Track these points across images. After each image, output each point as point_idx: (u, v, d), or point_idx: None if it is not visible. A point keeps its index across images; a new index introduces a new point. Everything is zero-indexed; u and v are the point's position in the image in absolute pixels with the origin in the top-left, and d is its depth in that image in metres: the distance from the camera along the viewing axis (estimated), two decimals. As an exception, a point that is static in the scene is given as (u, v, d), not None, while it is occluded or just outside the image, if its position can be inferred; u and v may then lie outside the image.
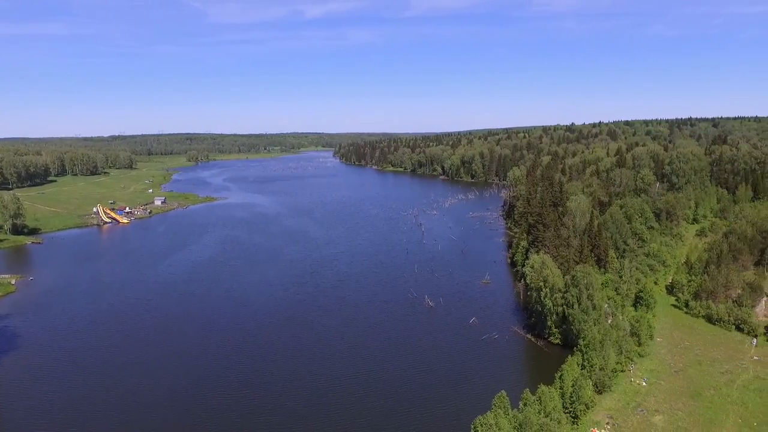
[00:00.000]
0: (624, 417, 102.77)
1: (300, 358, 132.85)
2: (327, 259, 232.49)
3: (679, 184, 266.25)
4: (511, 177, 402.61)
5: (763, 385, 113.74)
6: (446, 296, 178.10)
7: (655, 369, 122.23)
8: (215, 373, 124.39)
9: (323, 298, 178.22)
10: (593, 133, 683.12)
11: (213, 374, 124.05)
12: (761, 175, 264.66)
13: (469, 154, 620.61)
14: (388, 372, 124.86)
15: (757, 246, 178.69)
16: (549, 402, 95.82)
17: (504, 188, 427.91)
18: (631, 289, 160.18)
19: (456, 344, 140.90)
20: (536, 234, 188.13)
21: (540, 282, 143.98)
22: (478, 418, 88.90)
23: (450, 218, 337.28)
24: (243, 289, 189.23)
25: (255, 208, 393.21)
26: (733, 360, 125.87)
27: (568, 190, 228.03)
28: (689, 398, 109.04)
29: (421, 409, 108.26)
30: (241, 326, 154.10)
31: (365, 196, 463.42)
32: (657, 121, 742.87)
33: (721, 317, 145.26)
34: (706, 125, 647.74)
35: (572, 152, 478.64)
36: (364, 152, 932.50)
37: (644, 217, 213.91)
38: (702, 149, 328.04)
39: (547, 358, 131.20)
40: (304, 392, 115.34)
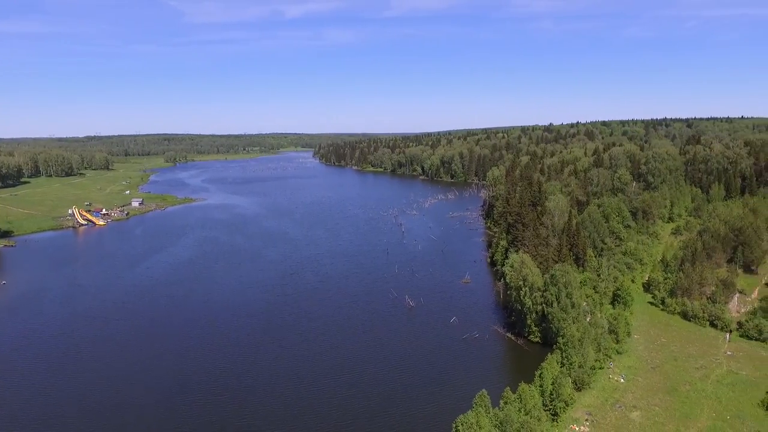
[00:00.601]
0: (603, 413, 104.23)
1: (281, 360, 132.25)
2: (307, 260, 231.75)
3: (655, 183, 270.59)
4: (491, 177, 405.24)
5: (736, 380, 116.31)
6: (427, 296, 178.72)
7: (633, 365, 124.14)
8: (195, 377, 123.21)
9: (304, 300, 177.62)
10: (571, 133, 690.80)
11: (193, 378, 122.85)
12: (733, 174, 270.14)
13: (448, 155, 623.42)
14: (369, 373, 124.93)
15: (730, 244, 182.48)
16: (529, 400, 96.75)
17: (483, 188, 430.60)
18: (609, 287, 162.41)
19: (437, 344, 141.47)
20: (515, 233, 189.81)
21: (519, 281, 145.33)
22: (459, 417, 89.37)
23: (430, 218, 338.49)
24: (223, 292, 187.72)
25: (234, 210, 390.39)
26: (707, 355, 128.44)
27: (546, 190, 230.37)
28: (666, 394, 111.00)
29: (403, 409, 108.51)
30: (221, 329, 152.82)
31: (345, 197, 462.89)
32: (633, 122, 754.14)
33: (696, 314, 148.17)
34: (680, 126, 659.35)
35: (550, 152, 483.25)
36: (343, 153, 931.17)
37: (621, 216, 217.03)
38: (677, 149, 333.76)
39: (527, 357, 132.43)
40: (286, 394, 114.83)
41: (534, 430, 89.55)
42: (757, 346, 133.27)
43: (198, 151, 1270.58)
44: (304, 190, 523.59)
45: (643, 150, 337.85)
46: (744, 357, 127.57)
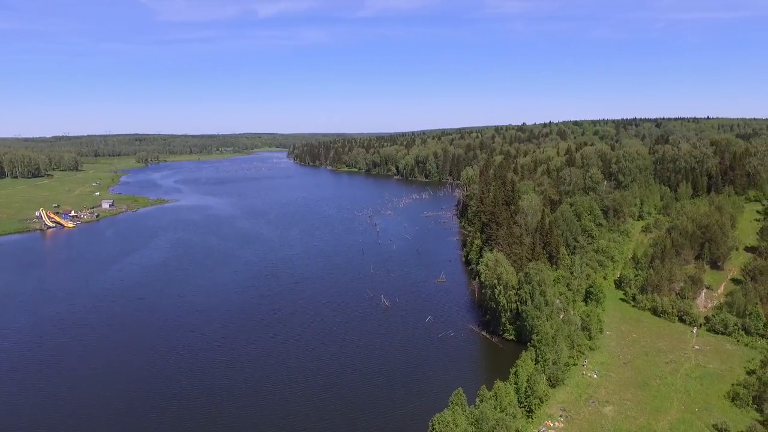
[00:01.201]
0: (576, 409, 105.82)
1: (256, 363, 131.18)
2: (282, 261, 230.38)
3: (626, 182, 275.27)
4: (465, 176, 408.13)
5: (704, 373, 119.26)
6: (402, 296, 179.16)
7: (605, 361, 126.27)
8: (169, 381, 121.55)
9: (279, 301, 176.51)
10: (544, 132, 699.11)
11: (166, 382, 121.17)
12: (699, 173, 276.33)
13: (423, 154, 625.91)
14: (346, 374, 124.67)
15: (697, 241, 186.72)
16: (505, 397, 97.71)
17: (457, 187, 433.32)
18: (581, 285, 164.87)
19: (413, 343, 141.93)
20: (490, 232, 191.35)
21: (494, 279, 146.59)
22: (435, 416, 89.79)
23: (405, 218, 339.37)
24: (196, 294, 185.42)
25: (208, 210, 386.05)
26: (676, 350, 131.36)
27: (520, 189, 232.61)
28: (637, 388, 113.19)
29: (381, 409, 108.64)
30: (194, 332, 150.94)
31: (320, 197, 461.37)
32: (604, 122, 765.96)
33: (666, 309, 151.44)
34: (649, 125, 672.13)
35: (524, 152, 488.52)
36: (318, 153, 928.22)
37: (593, 214, 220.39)
38: (646, 149, 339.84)
39: (502, 354, 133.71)
40: (262, 398, 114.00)
41: (509, 427, 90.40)
42: (723, 340, 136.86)
43: (170, 151, 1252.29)
44: (279, 190, 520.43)
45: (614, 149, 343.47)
46: (711, 351, 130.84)
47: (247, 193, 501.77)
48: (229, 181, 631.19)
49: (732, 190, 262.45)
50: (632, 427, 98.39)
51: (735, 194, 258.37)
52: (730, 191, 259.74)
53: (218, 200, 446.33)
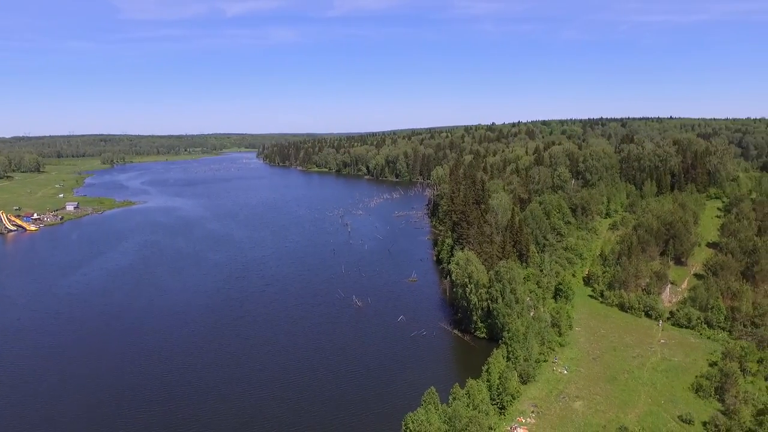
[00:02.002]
0: (548, 405, 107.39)
1: (228, 366, 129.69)
2: (253, 262, 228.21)
3: (593, 180, 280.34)
4: (435, 176, 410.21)
5: (669, 366, 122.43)
6: (374, 296, 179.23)
7: (575, 357, 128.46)
8: (138, 388, 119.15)
9: (250, 303, 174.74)
10: (512, 132, 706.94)
11: (135, 389, 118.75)
12: (663, 172, 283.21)
13: (393, 154, 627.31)
14: (319, 376, 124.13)
15: (662, 237, 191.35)
16: (477, 395, 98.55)
17: (428, 187, 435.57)
18: (551, 282, 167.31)
19: (385, 343, 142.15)
20: (460, 231, 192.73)
21: (465, 278, 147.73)
22: (408, 415, 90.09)
23: (376, 218, 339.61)
24: (165, 298, 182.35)
25: (177, 212, 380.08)
26: (643, 344, 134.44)
27: (490, 188, 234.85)
28: (606, 383, 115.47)
29: (355, 410, 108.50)
30: (164, 337, 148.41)
31: (290, 198, 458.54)
32: (571, 121, 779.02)
33: (632, 305, 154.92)
34: (615, 125, 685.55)
35: (493, 151, 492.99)
36: (288, 153, 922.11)
37: (562, 212, 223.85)
38: (612, 148, 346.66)
39: (474, 352, 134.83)
40: (233, 402, 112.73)
41: (482, 424, 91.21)
42: (687, 333, 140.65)
43: (137, 152, 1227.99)
44: (249, 191, 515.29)
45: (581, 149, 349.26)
46: (676, 344, 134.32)
47: (217, 194, 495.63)
48: (198, 182, 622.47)
49: (694, 187, 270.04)
50: (601, 421, 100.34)
51: (697, 192, 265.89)
52: (692, 189, 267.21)
53: (187, 201, 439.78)
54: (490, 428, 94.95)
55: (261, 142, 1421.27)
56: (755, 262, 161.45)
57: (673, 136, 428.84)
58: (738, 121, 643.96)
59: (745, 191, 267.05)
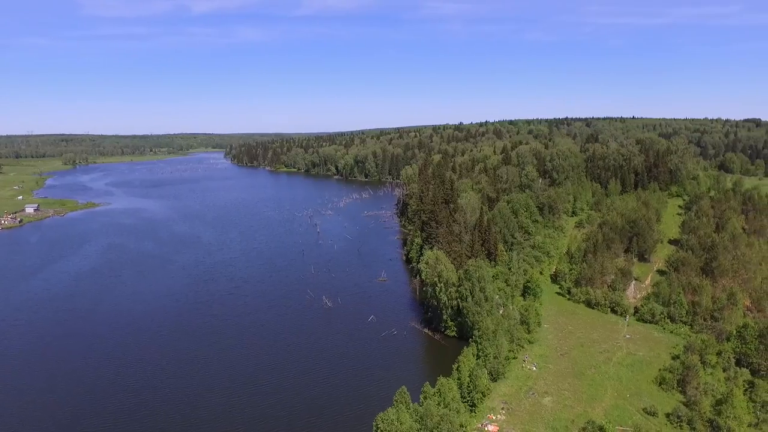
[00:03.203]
0: (517, 401, 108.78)
1: (196, 371, 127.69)
2: (221, 264, 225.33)
3: (559, 179, 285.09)
4: (404, 175, 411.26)
5: (634, 360, 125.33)
6: (344, 296, 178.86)
7: (544, 354, 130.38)
8: (102, 395, 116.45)
9: (219, 306, 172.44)
10: (480, 132, 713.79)
11: (100, 396, 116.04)
12: (627, 170, 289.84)
13: (362, 154, 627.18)
14: (290, 379, 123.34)
15: (626, 235, 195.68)
16: (448, 393, 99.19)
17: (397, 187, 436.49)
18: (519, 280, 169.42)
19: (356, 343, 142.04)
20: (430, 231, 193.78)
21: (435, 277, 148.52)
22: (379, 414, 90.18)
23: (345, 218, 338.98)
24: (131, 302, 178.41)
25: (142, 214, 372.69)
26: (609, 340, 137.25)
27: (458, 188, 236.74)
28: (574, 378, 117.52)
29: (327, 412, 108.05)
30: (129, 342, 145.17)
31: (259, 198, 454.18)
32: (538, 121, 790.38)
33: (599, 301, 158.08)
34: (580, 125, 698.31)
35: (461, 151, 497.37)
36: (256, 153, 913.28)
37: (529, 211, 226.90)
38: (578, 147, 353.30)
39: (444, 351, 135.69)
40: (204, 408, 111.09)
41: (453, 422, 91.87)
42: (651, 328, 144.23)
43: (100, 152, 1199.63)
44: (216, 192, 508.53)
45: (548, 148, 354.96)
46: (640, 339, 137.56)
47: (184, 195, 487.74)
48: (165, 183, 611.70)
49: (656, 186, 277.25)
50: (570, 416, 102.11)
51: (659, 190, 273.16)
52: (654, 187, 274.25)
53: (153, 203, 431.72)
54: (461, 426, 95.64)
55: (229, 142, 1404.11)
56: (714, 258, 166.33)
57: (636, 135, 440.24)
58: (696, 122, 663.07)
59: (704, 189, 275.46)
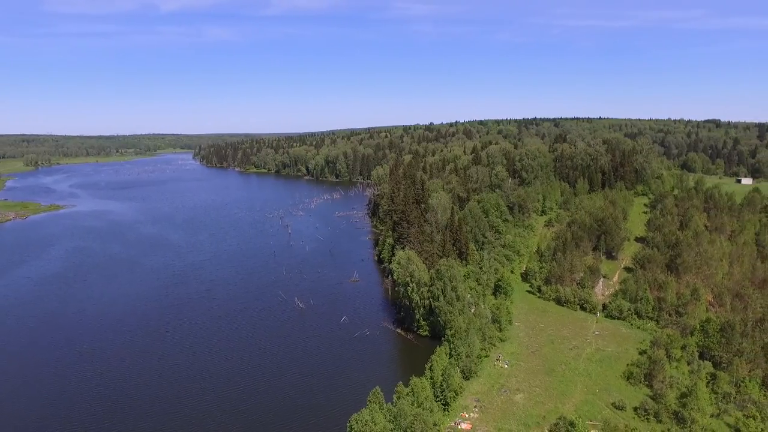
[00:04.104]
0: (490, 399, 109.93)
1: (168, 376, 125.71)
2: (191, 267, 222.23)
3: (529, 179, 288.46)
4: (375, 176, 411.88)
5: (603, 356, 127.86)
6: (316, 297, 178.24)
7: (515, 351, 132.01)
8: (70, 403, 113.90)
9: (189, 310, 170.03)
10: (450, 132, 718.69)
11: (67, 404, 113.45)
12: (594, 170, 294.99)
13: (333, 154, 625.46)
14: (263, 382, 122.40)
15: (594, 233, 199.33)
16: (421, 392, 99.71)
17: (368, 187, 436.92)
18: (490, 279, 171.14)
19: (329, 344, 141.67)
20: (401, 231, 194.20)
21: (407, 277, 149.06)
22: (353, 415, 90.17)
23: (316, 219, 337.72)
24: (98, 307, 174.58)
25: (109, 216, 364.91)
26: (579, 336, 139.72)
27: (429, 188, 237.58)
28: (545, 375, 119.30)
29: (299, 413, 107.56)
30: (98, 347, 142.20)
31: (229, 200, 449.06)
32: (507, 121, 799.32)
33: (568, 299, 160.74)
34: (548, 125, 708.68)
35: (432, 151, 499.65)
36: (225, 154, 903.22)
37: (499, 210, 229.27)
38: (546, 147, 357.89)
39: (417, 350, 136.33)
40: (176, 413, 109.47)
41: (427, 421, 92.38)
42: (619, 324, 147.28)
43: (64, 153, 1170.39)
44: (185, 193, 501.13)
45: (517, 148, 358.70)
46: (609, 335, 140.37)
47: (152, 196, 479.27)
48: (132, 184, 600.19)
49: (623, 185, 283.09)
50: (541, 412, 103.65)
51: (625, 189, 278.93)
52: (621, 186, 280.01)
53: (120, 205, 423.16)
54: (434, 425, 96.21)
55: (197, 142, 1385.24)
56: (678, 255, 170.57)
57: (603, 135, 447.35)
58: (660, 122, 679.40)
59: (669, 188, 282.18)
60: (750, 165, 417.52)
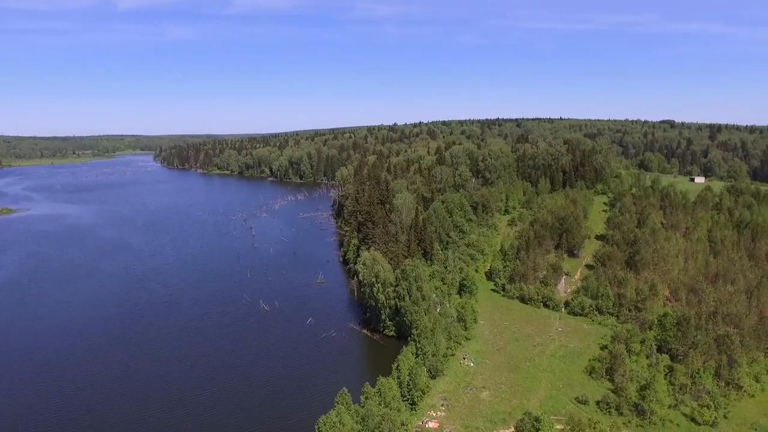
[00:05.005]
0: (456, 397, 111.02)
1: (129, 385, 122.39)
2: (153, 271, 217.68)
3: (492, 178, 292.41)
4: (339, 177, 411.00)
5: (566, 352, 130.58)
6: (282, 299, 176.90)
7: (481, 349, 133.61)
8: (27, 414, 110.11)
9: (152, 315, 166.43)
10: (414, 132, 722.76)
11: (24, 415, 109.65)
12: (556, 169, 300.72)
13: (297, 155, 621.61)
14: (229, 388, 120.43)
15: (556, 231, 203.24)
16: (388, 392, 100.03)
17: (333, 188, 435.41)
18: (455, 278, 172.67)
19: (296, 346, 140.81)
20: (366, 231, 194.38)
21: (372, 278, 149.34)
22: (321, 417, 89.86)
23: (281, 220, 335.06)
24: (56, 314, 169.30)
25: (66, 220, 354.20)
26: (542, 333, 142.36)
27: (394, 188, 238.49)
28: (510, 372, 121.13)
29: (267, 417, 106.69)
30: (54, 357, 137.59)
31: (191, 202, 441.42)
32: (470, 121, 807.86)
33: (532, 297, 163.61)
34: (511, 125, 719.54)
35: (396, 151, 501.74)
36: (187, 155, 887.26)
37: (463, 210, 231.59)
38: (509, 147, 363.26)
39: (384, 351, 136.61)
40: (138, 423, 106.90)
41: (394, 421, 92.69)
42: (581, 321, 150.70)
43: (16, 155, 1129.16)
44: (147, 196, 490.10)
45: (480, 148, 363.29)
46: (571, 331, 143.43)
47: (112, 199, 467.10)
48: (90, 187, 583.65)
49: (583, 184, 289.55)
50: (507, 408, 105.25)
51: (586, 188, 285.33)
52: (581, 186, 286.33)
53: (78, 208, 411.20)
54: (402, 424, 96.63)
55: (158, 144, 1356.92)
56: (636, 252, 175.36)
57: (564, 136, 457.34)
58: (618, 122, 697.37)
59: (627, 187, 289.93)
60: (702, 164, 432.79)
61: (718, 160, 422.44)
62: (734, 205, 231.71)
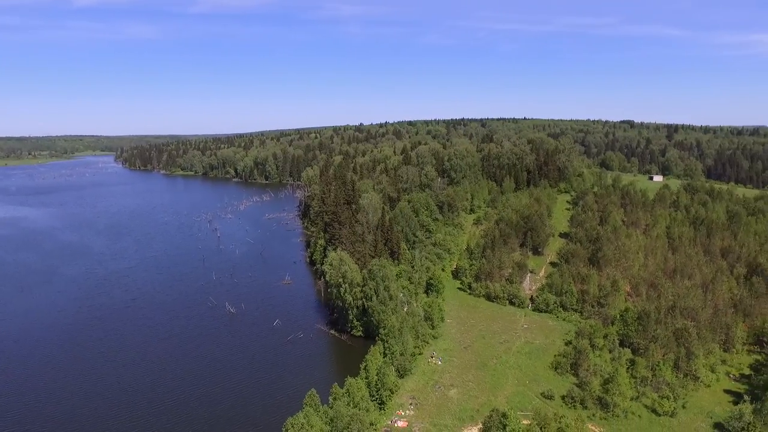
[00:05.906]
0: (425, 395, 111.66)
1: (92, 393, 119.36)
2: (116, 275, 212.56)
3: (457, 178, 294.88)
4: (305, 177, 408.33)
5: (532, 348, 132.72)
6: (248, 301, 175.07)
7: (448, 348, 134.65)
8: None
9: (114, 320, 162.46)
10: (380, 132, 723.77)
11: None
12: (520, 169, 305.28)
13: (262, 156, 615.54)
14: (193, 391, 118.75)
15: (521, 230, 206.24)
16: (357, 393, 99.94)
17: (299, 188, 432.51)
18: (422, 277, 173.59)
19: (263, 348, 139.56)
20: (333, 232, 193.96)
21: (339, 278, 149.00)
22: (288, 419, 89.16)
23: (246, 221, 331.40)
24: (11, 321, 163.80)
25: (22, 223, 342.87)
26: (509, 330, 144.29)
27: (360, 188, 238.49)
28: (477, 369, 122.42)
29: (234, 421, 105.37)
30: (12, 366, 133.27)
31: (155, 203, 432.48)
32: (436, 122, 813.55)
33: (498, 294, 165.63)
34: (476, 125, 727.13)
35: (362, 151, 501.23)
36: (150, 156, 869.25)
37: (429, 209, 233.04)
38: (474, 147, 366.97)
39: (351, 351, 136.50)
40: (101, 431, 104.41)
41: (363, 421, 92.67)
42: (546, 317, 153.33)
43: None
44: (107, 198, 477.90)
45: (446, 148, 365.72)
46: (537, 328, 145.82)
47: (71, 202, 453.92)
48: (48, 189, 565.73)
49: (547, 183, 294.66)
50: (475, 405, 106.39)
51: (549, 187, 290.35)
52: (545, 184, 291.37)
53: (34, 211, 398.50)
54: (371, 424, 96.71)
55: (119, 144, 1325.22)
56: (599, 249, 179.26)
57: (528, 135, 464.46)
58: (580, 122, 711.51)
59: (589, 185, 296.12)
60: (660, 163, 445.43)
61: (675, 159, 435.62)
62: (690, 203, 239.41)
